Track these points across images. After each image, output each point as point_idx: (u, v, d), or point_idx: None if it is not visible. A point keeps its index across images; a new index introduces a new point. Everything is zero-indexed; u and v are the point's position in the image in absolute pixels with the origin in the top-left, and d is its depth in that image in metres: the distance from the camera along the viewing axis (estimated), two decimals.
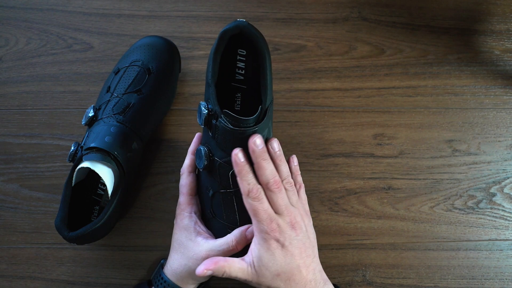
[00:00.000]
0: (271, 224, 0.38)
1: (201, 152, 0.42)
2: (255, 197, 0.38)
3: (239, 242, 0.41)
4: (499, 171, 0.56)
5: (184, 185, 0.47)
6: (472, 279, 0.53)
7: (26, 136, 0.56)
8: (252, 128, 0.39)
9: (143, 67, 0.52)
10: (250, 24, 0.40)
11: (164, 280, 0.45)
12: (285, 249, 0.39)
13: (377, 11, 0.61)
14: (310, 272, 0.40)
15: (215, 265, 0.39)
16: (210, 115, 0.40)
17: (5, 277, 0.52)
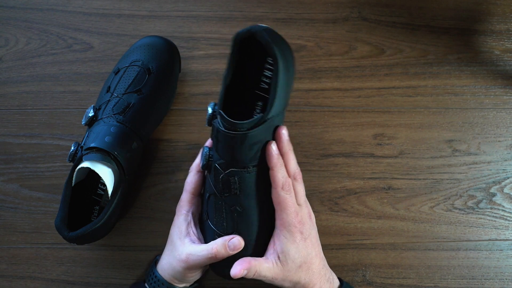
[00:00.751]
0: (297, 217, 0.40)
1: (203, 151, 0.42)
2: (288, 189, 0.40)
3: (219, 251, 0.41)
4: (499, 171, 0.56)
5: (189, 183, 0.47)
6: (472, 279, 0.53)
7: (26, 136, 0.56)
8: (242, 133, 0.38)
9: (143, 67, 0.52)
10: (268, 29, 0.39)
11: (155, 276, 0.45)
12: (307, 241, 0.41)
13: (377, 11, 0.61)
14: (321, 260, 0.43)
15: (249, 265, 0.39)
16: (214, 115, 0.40)
17: (5, 277, 0.52)
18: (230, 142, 0.39)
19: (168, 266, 0.44)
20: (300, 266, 0.40)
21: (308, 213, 0.42)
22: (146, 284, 0.46)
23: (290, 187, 0.40)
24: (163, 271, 0.45)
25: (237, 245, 0.41)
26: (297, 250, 0.40)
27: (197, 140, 0.56)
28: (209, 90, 0.58)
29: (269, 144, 0.39)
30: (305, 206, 0.42)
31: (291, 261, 0.40)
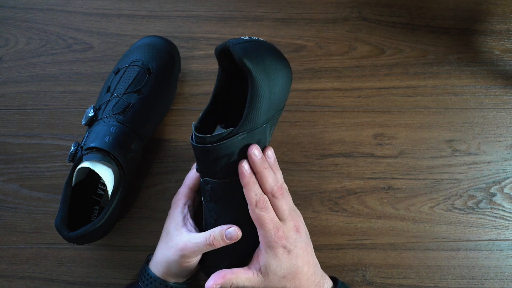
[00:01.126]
0: (278, 232, 0.40)
1: None
2: (263, 207, 0.40)
3: (216, 239, 0.41)
4: (499, 171, 0.56)
5: (189, 178, 0.48)
6: (472, 279, 0.53)
7: (26, 136, 0.56)
8: (204, 146, 0.38)
9: (143, 67, 0.52)
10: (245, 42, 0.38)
11: (148, 274, 0.45)
12: (291, 253, 0.41)
13: (377, 11, 0.61)
14: (311, 267, 0.43)
15: (223, 279, 0.40)
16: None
17: (5, 277, 0.52)
18: (196, 153, 0.40)
19: (162, 258, 0.45)
20: (284, 277, 0.41)
21: (294, 227, 0.41)
22: (140, 283, 0.46)
23: (266, 204, 0.40)
24: (157, 266, 0.45)
25: (234, 235, 0.41)
26: (279, 263, 0.40)
27: None
28: (209, 90, 0.58)
29: (240, 163, 0.39)
30: (290, 220, 0.41)
31: (272, 274, 0.40)
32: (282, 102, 0.42)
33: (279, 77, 0.39)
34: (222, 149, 0.39)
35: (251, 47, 0.38)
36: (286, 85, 0.41)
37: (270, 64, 0.38)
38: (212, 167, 0.40)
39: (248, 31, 0.60)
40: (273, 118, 0.41)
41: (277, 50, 0.41)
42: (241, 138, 0.39)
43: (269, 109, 0.39)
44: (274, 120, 0.42)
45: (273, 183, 0.40)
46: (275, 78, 0.39)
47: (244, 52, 0.37)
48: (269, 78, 0.38)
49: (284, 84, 0.40)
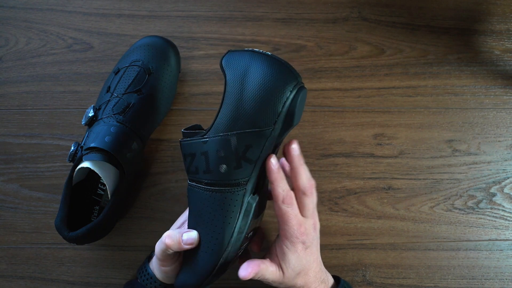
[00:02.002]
0: (300, 228, 0.40)
1: None
2: (289, 203, 0.39)
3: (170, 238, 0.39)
4: (499, 171, 0.56)
5: None
6: (472, 279, 0.53)
7: (26, 136, 0.56)
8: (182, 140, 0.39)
9: (143, 67, 0.52)
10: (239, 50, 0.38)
11: (147, 272, 0.46)
12: (308, 250, 0.41)
13: (377, 11, 0.61)
14: (318, 264, 0.43)
15: (258, 268, 0.39)
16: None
17: (5, 277, 0.52)
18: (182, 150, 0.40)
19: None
20: (298, 273, 0.41)
21: (313, 224, 0.42)
22: (138, 280, 0.46)
23: (292, 200, 0.40)
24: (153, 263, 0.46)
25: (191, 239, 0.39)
26: (298, 259, 0.40)
27: None
28: (209, 90, 0.58)
29: (269, 158, 0.38)
30: (311, 217, 0.42)
31: (291, 270, 0.40)
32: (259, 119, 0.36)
33: (257, 90, 0.36)
34: (186, 147, 0.39)
35: (239, 53, 0.37)
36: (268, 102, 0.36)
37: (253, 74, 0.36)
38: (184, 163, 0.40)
39: (248, 31, 0.60)
40: (245, 134, 0.37)
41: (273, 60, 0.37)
42: (202, 142, 0.37)
43: (236, 119, 0.36)
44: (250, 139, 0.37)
45: (307, 181, 0.40)
46: (250, 89, 0.36)
47: (228, 56, 0.37)
48: (243, 87, 0.36)
49: (263, 98, 0.36)
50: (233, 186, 0.38)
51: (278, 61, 0.37)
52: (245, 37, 0.60)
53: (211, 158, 0.37)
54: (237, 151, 0.37)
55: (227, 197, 0.38)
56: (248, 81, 0.36)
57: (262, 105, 0.36)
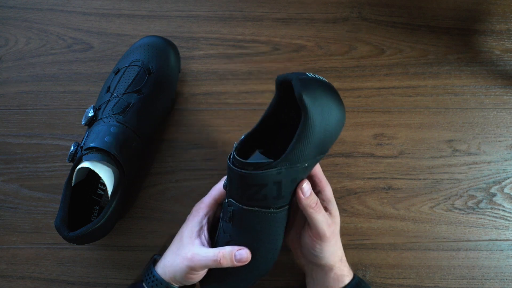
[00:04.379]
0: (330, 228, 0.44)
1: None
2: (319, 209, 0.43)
3: (224, 258, 0.41)
4: (499, 171, 0.56)
5: (216, 189, 0.47)
6: (472, 279, 0.53)
7: (26, 136, 0.56)
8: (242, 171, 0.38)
9: (143, 67, 0.52)
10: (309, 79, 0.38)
11: (153, 275, 0.45)
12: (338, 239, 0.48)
13: (377, 11, 0.61)
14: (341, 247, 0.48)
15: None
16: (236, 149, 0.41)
17: (5, 277, 0.52)
18: (230, 173, 0.40)
19: (170, 263, 0.44)
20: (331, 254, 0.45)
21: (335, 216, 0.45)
22: (144, 284, 0.46)
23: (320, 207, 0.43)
24: (163, 269, 0.45)
25: (244, 258, 0.41)
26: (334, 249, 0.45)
27: (197, 140, 0.56)
28: (209, 90, 0.58)
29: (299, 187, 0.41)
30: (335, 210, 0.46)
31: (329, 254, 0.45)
32: (329, 146, 0.40)
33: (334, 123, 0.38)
34: (255, 178, 0.38)
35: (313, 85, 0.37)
36: (338, 132, 0.40)
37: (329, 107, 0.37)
38: (240, 192, 0.40)
39: (248, 31, 0.60)
40: (316, 161, 0.40)
41: (338, 95, 0.39)
42: (276, 173, 0.38)
43: (316, 151, 0.38)
44: (315, 163, 0.41)
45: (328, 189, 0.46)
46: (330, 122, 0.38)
47: (305, 88, 0.36)
48: (324, 121, 0.37)
49: (336, 130, 0.39)
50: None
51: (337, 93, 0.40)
52: (245, 37, 0.60)
53: (285, 186, 0.39)
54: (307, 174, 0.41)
55: (286, 212, 0.42)
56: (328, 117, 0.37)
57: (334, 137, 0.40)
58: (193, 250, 0.42)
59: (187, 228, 0.45)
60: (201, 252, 0.42)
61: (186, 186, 0.54)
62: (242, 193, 0.40)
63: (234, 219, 0.41)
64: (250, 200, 0.40)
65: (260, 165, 0.37)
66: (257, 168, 0.38)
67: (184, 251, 0.43)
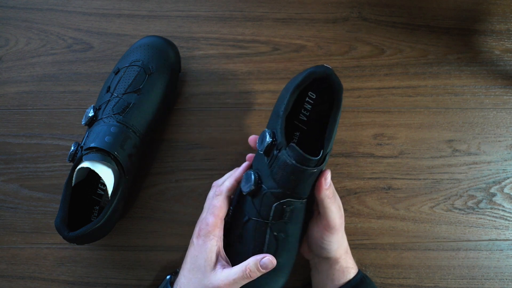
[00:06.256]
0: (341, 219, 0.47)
1: (251, 177, 0.42)
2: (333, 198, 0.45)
3: (252, 271, 0.41)
4: (499, 171, 0.56)
5: (218, 207, 0.44)
6: (472, 279, 0.53)
7: (26, 136, 0.56)
8: (312, 169, 0.38)
9: (143, 67, 0.52)
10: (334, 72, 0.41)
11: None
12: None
13: (377, 11, 0.61)
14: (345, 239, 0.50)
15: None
16: (273, 144, 0.40)
17: (5, 277, 0.52)
18: (298, 175, 0.39)
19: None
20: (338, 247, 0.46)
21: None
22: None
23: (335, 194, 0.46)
24: None
25: (269, 264, 0.41)
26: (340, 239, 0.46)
27: (197, 140, 0.56)
28: (209, 90, 0.58)
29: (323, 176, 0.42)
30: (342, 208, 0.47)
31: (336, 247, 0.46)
32: None
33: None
34: (319, 171, 0.40)
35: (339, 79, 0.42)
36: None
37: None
38: (306, 188, 0.41)
39: (248, 31, 0.60)
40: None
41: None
42: (325, 163, 0.40)
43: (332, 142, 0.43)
44: None
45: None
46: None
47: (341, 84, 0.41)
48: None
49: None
50: None
51: None
52: (245, 37, 0.60)
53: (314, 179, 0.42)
54: None
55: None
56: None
57: None
58: (221, 278, 0.41)
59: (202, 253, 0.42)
60: (230, 276, 0.41)
61: (186, 186, 0.54)
62: (307, 190, 0.41)
63: (293, 216, 0.42)
64: (308, 193, 0.42)
65: (321, 158, 0.39)
66: (320, 162, 0.39)
67: (209, 281, 0.41)
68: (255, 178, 0.41)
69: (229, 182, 0.45)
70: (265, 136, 0.41)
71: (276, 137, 0.40)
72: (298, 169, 0.38)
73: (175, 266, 0.52)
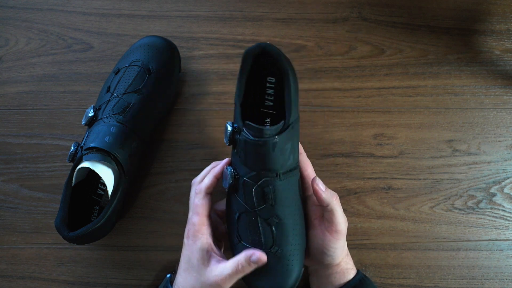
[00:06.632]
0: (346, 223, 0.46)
1: (227, 172, 0.42)
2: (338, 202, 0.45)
3: (244, 265, 0.41)
4: (499, 171, 0.56)
5: (200, 206, 0.44)
6: (472, 279, 0.53)
7: (26, 136, 0.56)
8: (272, 139, 0.38)
9: (143, 67, 0.52)
10: (271, 44, 0.41)
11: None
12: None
13: (377, 11, 0.61)
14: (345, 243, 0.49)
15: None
16: (235, 132, 0.41)
17: (5, 277, 0.52)
18: (261, 150, 0.39)
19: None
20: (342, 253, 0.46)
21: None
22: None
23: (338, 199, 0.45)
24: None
25: (259, 260, 0.41)
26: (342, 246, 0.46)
27: (197, 140, 0.56)
28: (209, 90, 0.58)
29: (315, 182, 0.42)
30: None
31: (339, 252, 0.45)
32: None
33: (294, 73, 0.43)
34: (285, 139, 0.39)
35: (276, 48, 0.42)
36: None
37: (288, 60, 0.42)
38: (277, 161, 0.40)
39: (248, 31, 0.60)
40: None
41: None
42: (291, 127, 0.40)
43: (298, 99, 0.42)
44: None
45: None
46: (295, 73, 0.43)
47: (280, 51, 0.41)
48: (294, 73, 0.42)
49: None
50: None
51: None
52: (245, 37, 0.60)
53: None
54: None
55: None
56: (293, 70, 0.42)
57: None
58: (215, 273, 0.41)
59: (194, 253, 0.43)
60: (224, 271, 0.41)
61: (186, 186, 0.54)
62: (277, 163, 0.40)
63: (278, 196, 0.41)
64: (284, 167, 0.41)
65: (280, 127, 0.39)
66: (281, 131, 0.39)
67: (205, 277, 0.42)
68: (231, 172, 0.42)
69: (208, 179, 0.45)
70: (226, 128, 0.42)
71: (235, 125, 0.41)
72: (259, 142, 0.38)
73: (175, 266, 0.52)
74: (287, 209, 0.42)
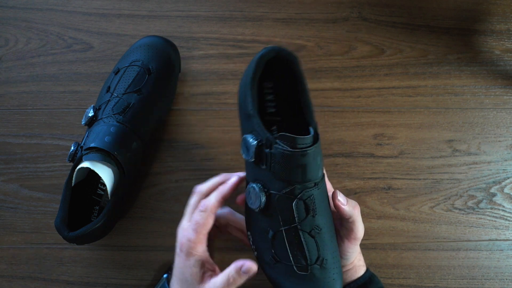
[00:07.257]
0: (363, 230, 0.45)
1: (255, 189, 0.38)
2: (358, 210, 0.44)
3: (235, 278, 0.39)
4: (499, 171, 0.56)
5: (202, 225, 0.41)
6: (472, 279, 0.53)
7: (26, 136, 0.56)
8: (311, 148, 0.35)
9: (143, 67, 0.52)
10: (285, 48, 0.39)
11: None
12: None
13: (377, 11, 0.61)
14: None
15: None
16: (260, 145, 0.37)
17: (5, 277, 0.52)
18: (302, 161, 0.36)
19: None
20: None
21: None
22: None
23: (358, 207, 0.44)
24: None
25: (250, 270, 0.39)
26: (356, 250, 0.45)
27: (197, 140, 0.56)
28: (209, 90, 0.58)
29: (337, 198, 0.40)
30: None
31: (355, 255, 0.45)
32: None
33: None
34: (319, 147, 0.37)
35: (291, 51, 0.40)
36: None
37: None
38: (314, 170, 0.37)
39: (248, 31, 0.60)
40: None
41: None
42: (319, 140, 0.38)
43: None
44: None
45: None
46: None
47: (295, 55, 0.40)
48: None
49: None
50: None
51: None
52: (245, 37, 0.60)
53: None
54: None
55: None
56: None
57: None
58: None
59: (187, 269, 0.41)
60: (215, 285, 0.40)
61: (186, 186, 0.54)
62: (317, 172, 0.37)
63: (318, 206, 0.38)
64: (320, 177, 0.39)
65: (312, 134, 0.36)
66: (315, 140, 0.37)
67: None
68: (261, 188, 0.38)
69: (216, 199, 0.42)
70: (248, 142, 0.38)
71: (260, 136, 0.37)
72: (299, 153, 0.35)
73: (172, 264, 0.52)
74: (324, 217, 0.39)
